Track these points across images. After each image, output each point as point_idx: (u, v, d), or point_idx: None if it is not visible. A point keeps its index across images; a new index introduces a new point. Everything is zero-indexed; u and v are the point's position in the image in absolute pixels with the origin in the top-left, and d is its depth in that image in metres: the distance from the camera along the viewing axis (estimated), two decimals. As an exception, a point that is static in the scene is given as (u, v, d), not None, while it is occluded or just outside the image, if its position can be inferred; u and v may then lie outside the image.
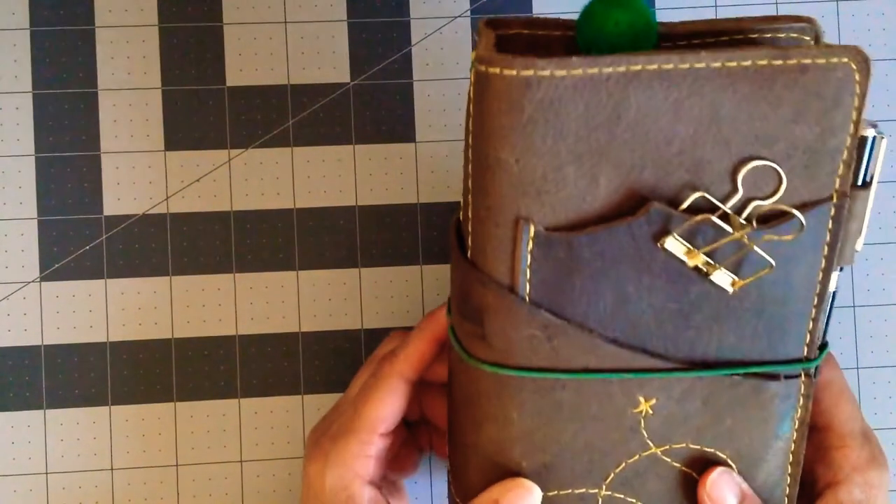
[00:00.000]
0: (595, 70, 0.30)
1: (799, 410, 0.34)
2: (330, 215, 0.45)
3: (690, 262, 0.32)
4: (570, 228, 0.32)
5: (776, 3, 0.46)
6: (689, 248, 0.32)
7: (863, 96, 0.30)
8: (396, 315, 0.45)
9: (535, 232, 0.32)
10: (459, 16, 0.45)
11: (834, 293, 0.35)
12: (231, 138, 0.45)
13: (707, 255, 0.32)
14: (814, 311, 0.33)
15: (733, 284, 0.32)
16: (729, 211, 0.31)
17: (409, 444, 0.42)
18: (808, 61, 0.30)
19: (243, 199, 0.45)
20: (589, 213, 0.32)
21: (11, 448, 0.43)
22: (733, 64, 0.30)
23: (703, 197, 0.31)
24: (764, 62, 0.30)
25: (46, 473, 0.44)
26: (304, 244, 0.45)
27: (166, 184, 0.44)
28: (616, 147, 0.31)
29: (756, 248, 0.31)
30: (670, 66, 0.30)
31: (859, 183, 0.33)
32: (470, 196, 0.33)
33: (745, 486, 0.34)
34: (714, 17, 0.34)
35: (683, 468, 0.35)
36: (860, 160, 0.33)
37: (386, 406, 0.37)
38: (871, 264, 0.46)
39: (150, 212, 0.44)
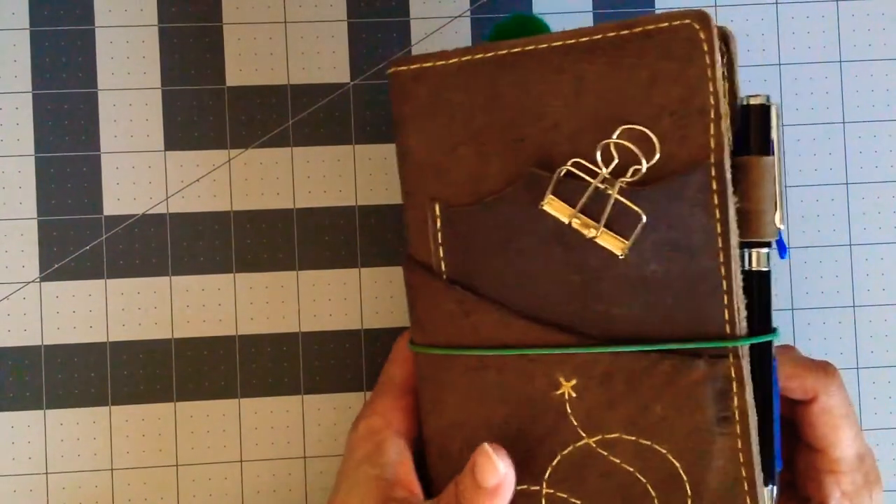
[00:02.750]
0: (469, 57, 0.35)
1: (735, 399, 0.33)
2: (330, 215, 0.45)
3: (570, 221, 0.34)
4: (471, 205, 0.35)
5: (776, 4, 0.46)
6: (568, 208, 0.34)
7: (713, 52, 0.32)
8: (396, 315, 0.45)
9: (440, 209, 0.36)
10: (459, 16, 0.45)
11: (767, 273, 0.34)
12: (231, 138, 0.45)
13: (587, 215, 0.34)
14: (724, 283, 0.33)
15: (623, 249, 0.33)
16: (603, 172, 0.33)
17: None
18: (651, 27, 0.33)
19: (243, 199, 0.45)
20: (485, 190, 0.35)
21: (11, 448, 0.43)
22: (586, 39, 0.33)
23: (580, 163, 0.34)
24: (612, 34, 0.33)
25: (46, 473, 0.44)
26: (304, 244, 0.45)
27: (166, 184, 0.44)
28: (499, 125, 0.35)
29: (618, 196, 0.33)
30: (531, 47, 0.34)
31: (767, 152, 0.34)
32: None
33: None
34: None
35: (625, 466, 0.34)
36: (750, 127, 0.34)
37: (409, 364, 0.39)
38: (871, 264, 0.46)
39: (150, 212, 0.44)
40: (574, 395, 0.34)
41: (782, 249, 0.36)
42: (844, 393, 0.37)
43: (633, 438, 0.34)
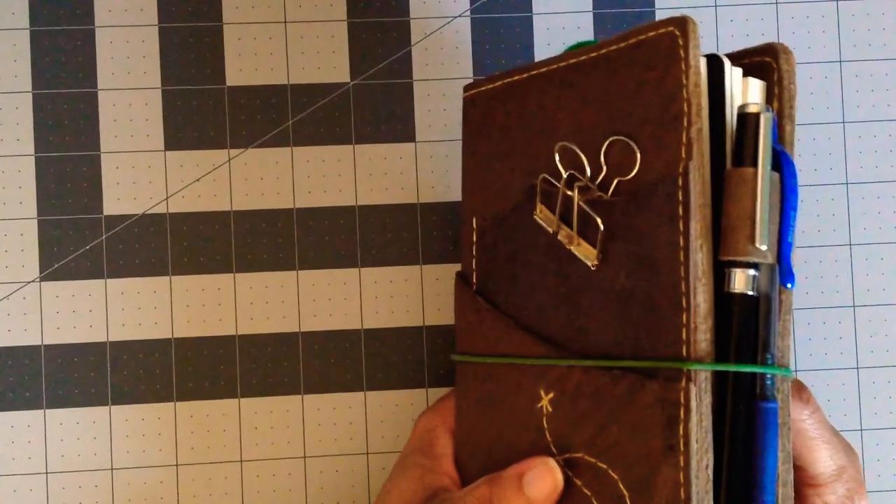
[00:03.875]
0: (509, 79, 0.37)
1: (681, 427, 0.30)
2: (330, 215, 0.45)
3: (556, 232, 0.34)
4: (495, 218, 0.38)
5: (776, 4, 0.46)
6: (555, 219, 0.35)
7: (689, 58, 0.31)
8: (396, 315, 0.45)
9: (476, 223, 0.38)
10: (459, 16, 0.45)
11: (750, 298, 0.31)
12: (231, 138, 0.45)
13: (570, 227, 0.34)
14: (684, 300, 0.30)
15: (593, 260, 0.33)
16: (590, 184, 0.33)
17: None
18: (642, 37, 0.32)
19: (243, 199, 0.45)
20: (508, 203, 0.37)
21: (11, 448, 0.43)
22: (593, 55, 0.34)
23: (573, 174, 0.34)
24: (612, 47, 0.33)
25: (46, 473, 0.44)
26: (304, 244, 0.45)
27: (166, 184, 0.44)
28: (523, 141, 0.36)
29: (581, 204, 0.33)
30: (553, 67, 0.36)
31: (744, 164, 0.31)
32: None
33: None
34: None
35: (584, 489, 0.32)
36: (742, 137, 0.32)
37: None
38: (871, 264, 0.46)
39: (150, 212, 0.44)
40: (550, 409, 0.34)
41: (786, 275, 0.32)
42: (818, 416, 0.37)
43: (593, 460, 0.32)
